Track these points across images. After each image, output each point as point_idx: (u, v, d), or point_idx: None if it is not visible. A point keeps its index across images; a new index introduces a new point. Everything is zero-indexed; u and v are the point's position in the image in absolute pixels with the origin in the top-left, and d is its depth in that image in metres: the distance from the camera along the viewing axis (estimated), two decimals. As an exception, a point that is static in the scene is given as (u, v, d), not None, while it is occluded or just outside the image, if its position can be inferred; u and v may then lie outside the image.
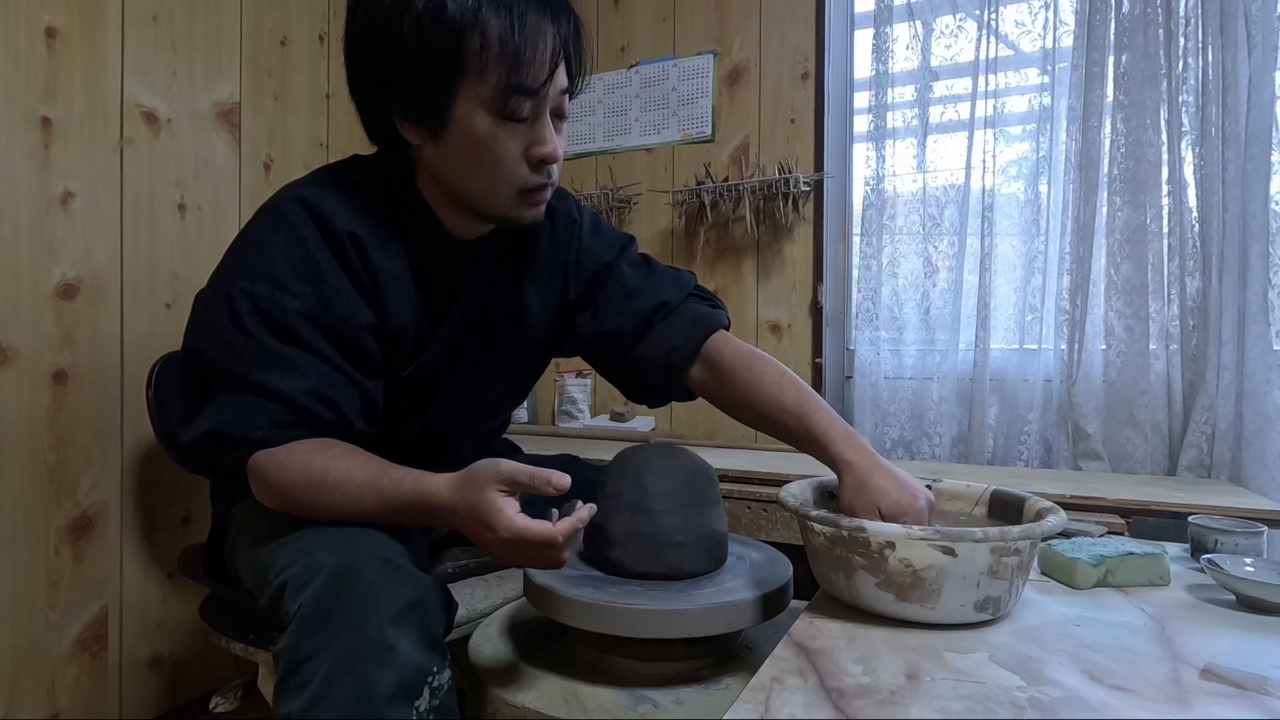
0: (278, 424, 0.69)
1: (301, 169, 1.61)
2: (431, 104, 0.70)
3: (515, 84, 0.69)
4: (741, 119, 1.80)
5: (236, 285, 0.70)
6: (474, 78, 0.69)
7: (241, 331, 0.69)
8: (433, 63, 0.68)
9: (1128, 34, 1.40)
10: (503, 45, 0.68)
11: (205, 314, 0.73)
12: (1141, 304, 1.39)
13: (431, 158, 0.75)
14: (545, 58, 0.70)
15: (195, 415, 0.71)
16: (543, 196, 0.77)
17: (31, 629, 1.16)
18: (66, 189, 1.20)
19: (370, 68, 0.72)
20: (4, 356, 1.12)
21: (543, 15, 0.70)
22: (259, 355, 0.69)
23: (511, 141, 0.72)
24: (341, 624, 0.59)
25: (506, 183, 0.74)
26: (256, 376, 0.68)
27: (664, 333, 0.88)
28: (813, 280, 1.73)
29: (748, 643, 0.79)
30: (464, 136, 0.71)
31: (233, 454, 0.69)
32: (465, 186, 0.75)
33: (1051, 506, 0.68)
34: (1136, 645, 0.59)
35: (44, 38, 1.16)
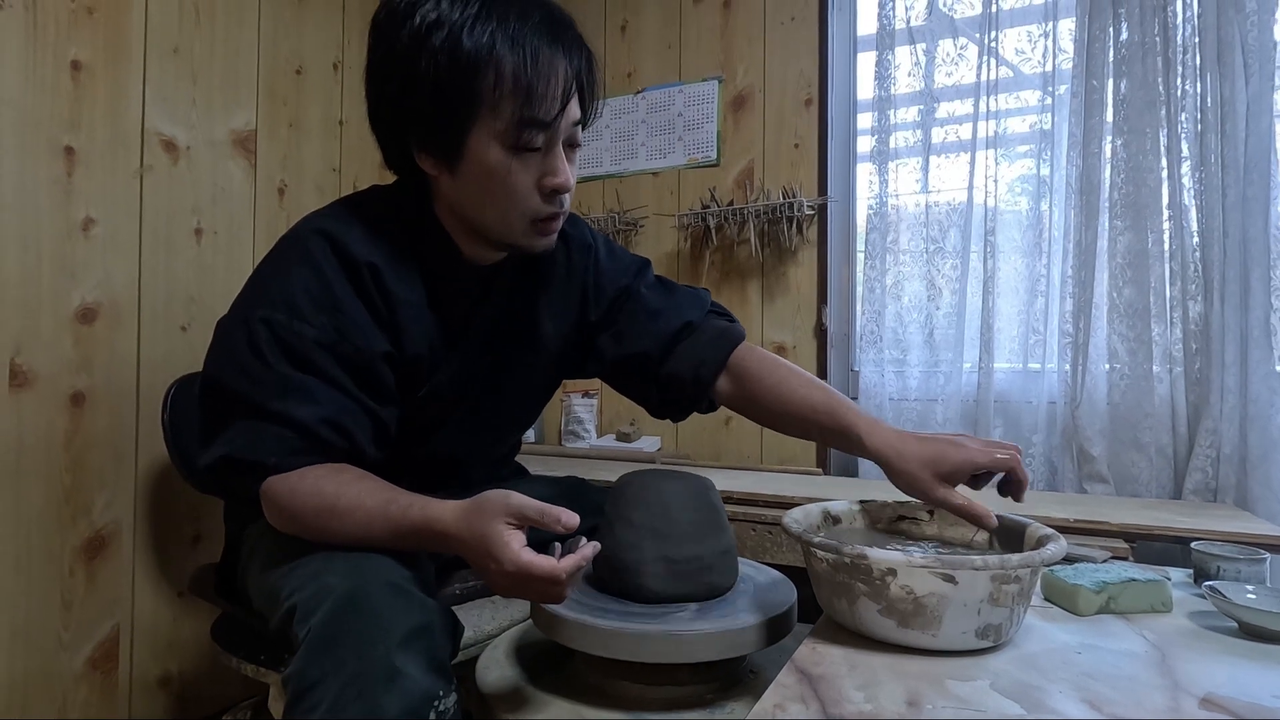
0: (291, 450, 0.70)
1: (314, 193, 1.65)
2: (447, 137, 0.73)
3: (528, 117, 0.71)
4: (746, 144, 1.83)
5: (256, 314, 0.72)
6: (488, 112, 0.71)
7: (259, 359, 0.71)
8: (448, 98, 0.70)
9: (1126, 61, 1.42)
10: (516, 80, 0.70)
11: (224, 341, 0.75)
12: (1144, 327, 1.40)
13: (447, 187, 0.77)
14: (558, 91, 0.72)
15: (212, 440, 0.73)
16: (554, 226, 0.79)
17: (45, 648, 1.17)
18: (88, 215, 1.23)
19: (389, 101, 0.74)
20: (24, 379, 1.15)
21: (555, 50, 0.72)
22: (275, 383, 0.71)
23: (525, 172, 0.74)
24: (349, 649, 0.60)
25: (519, 212, 0.76)
26: (272, 404, 0.70)
27: (690, 350, 0.90)
28: (817, 302, 1.74)
29: (752, 667, 0.80)
30: (479, 167, 0.73)
31: (246, 479, 0.71)
32: (479, 216, 0.77)
33: (1052, 534, 0.68)
34: (1137, 673, 0.59)
35: (70, 70, 1.20)
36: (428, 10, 0.70)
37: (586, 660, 0.75)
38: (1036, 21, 1.55)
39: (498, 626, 0.92)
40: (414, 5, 0.71)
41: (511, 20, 0.70)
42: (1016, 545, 0.71)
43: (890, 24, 1.66)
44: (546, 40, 0.71)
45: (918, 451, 0.73)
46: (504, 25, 0.70)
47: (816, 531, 0.77)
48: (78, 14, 1.21)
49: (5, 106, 1.12)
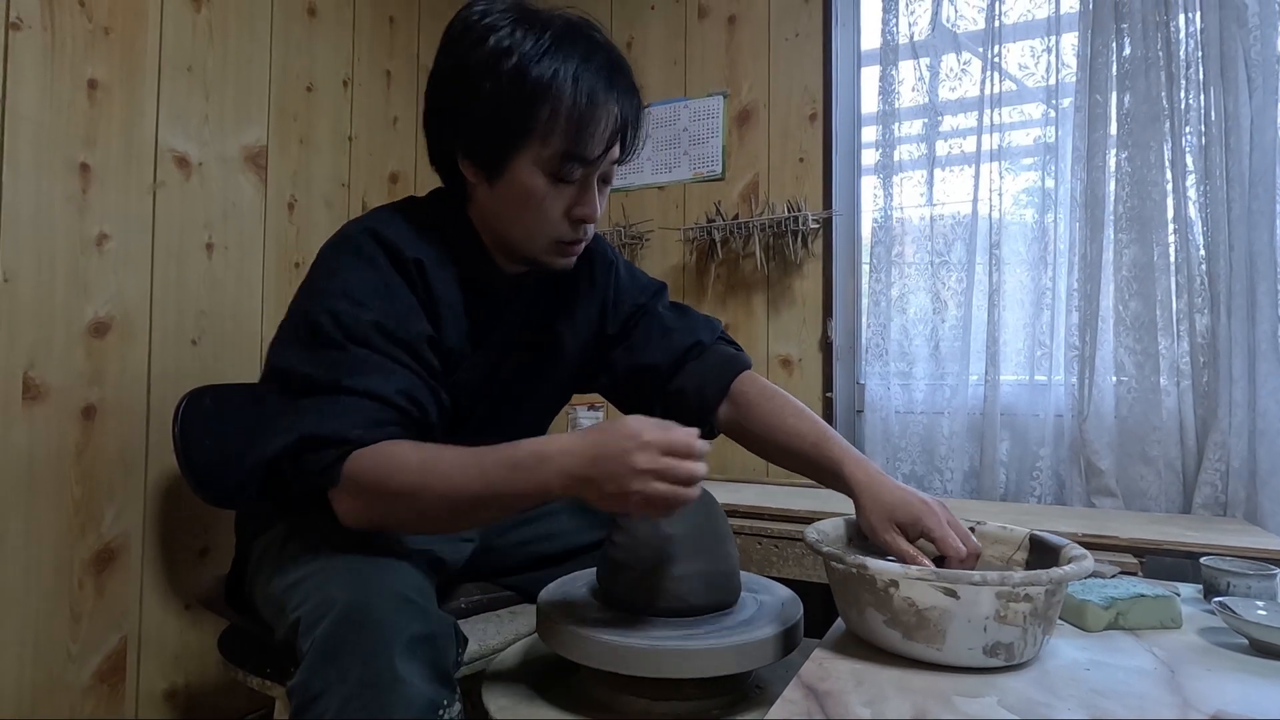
0: (374, 422, 0.70)
1: (324, 208, 1.67)
2: (494, 154, 0.77)
3: (573, 152, 0.75)
4: (751, 158, 1.84)
5: (318, 306, 0.74)
6: (538, 140, 0.75)
7: (327, 345, 0.72)
8: (505, 120, 0.74)
9: (1129, 76, 1.43)
10: (569, 117, 0.74)
11: (290, 336, 0.76)
12: (1151, 341, 1.39)
13: (483, 197, 0.81)
14: (605, 133, 0.76)
15: (283, 427, 0.71)
16: (576, 250, 0.83)
17: (53, 660, 1.18)
18: (102, 231, 1.25)
19: (447, 108, 0.78)
20: (36, 392, 1.16)
21: (610, 94, 0.76)
22: (348, 362, 0.71)
23: (558, 200, 0.78)
24: (352, 659, 0.60)
25: (545, 234, 0.80)
26: (347, 381, 0.70)
27: (697, 370, 0.93)
28: (822, 315, 1.75)
29: (759, 682, 0.79)
30: (516, 187, 0.77)
31: (327, 457, 0.68)
32: (507, 230, 0.81)
33: (1081, 554, 0.67)
34: (1147, 690, 0.59)
35: (86, 89, 1.22)
36: (502, 36, 0.74)
37: (592, 675, 0.75)
38: (1039, 36, 1.57)
39: (503, 641, 0.92)
40: (489, 29, 0.75)
41: (575, 60, 0.74)
42: (1053, 564, 0.71)
43: (894, 39, 1.67)
44: (604, 84, 0.75)
45: (887, 494, 0.75)
46: (568, 64, 0.74)
47: (848, 544, 0.77)
48: (95, 34, 1.23)
49: (23, 124, 1.14)
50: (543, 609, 0.76)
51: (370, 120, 1.80)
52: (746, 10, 1.86)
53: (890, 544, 0.73)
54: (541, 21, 0.76)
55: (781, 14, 1.82)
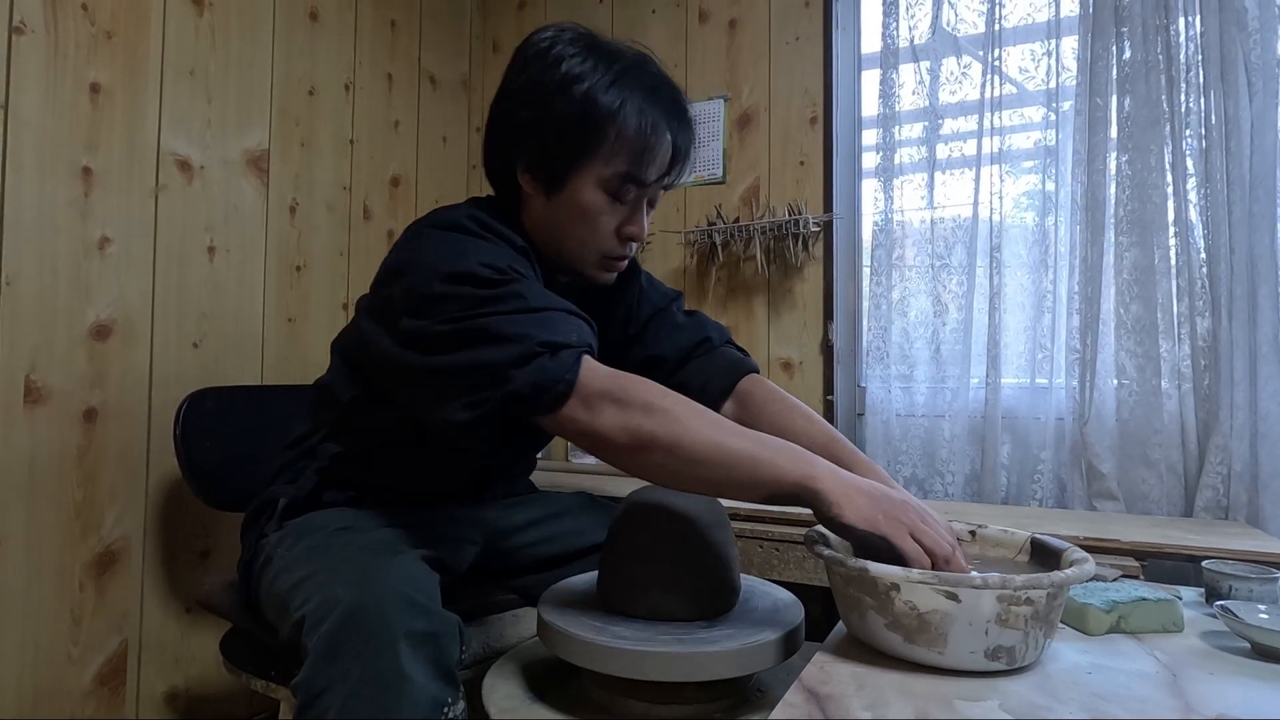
0: (581, 329, 0.72)
1: (325, 212, 1.67)
2: (556, 170, 0.81)
3: (632, 174, 0.81)
4: (752, 161, 1.84)
5: (469, 263, 0.72)
6: (600, 161, 0.80)
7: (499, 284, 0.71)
8: (571, 140, 0.79)
9: (1129, 79, 1.43)
10: (632, 142, 0.80)
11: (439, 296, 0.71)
12: (1152, 344, 1.39)
13: (539, 208, 0.85)
14: (663, 160, 0.82)
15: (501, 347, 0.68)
16: (620, 265, 0.88)
17: (54, 664, 1.18)
18: (104, 234, 1.25)
19: (514, 122, 0.82)
20: (38, 395, 1.16)
21: (669, 124, 0.82)
22: (530, 292, 0.72)
23: (611, 217, 0.83)
24: (355, 656, 0.61)
25: (595, 248, 0.85)
26: (538, 302, 0.71)
27: (703, 366, 0.98)
28: (823, 318, 1.75)
29: (760, 685, 0.79)
30: (573, 203, 0.82)
31: (567, 358, 0.67)
32: (561, 240, 0.85)
33: (1083, 557, 0.67)
34: (1148, 695, 0.59)
35: (88, 93, 1.23)
36: (574, 64, 0.79)
37: (592, 678, 0.75)
38: (1039, 39, 1.57)
39: (505, 643, 0.92)
40: (563, 55, 0.80)
41: (641, 91, 0.80)
42: (1054, 568, 0.71)
43: (894, 42, 1.68)
44: (665, 116, 0.81)
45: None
46: (634, 94, 0.80)
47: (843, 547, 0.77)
48: (97, 38, 1.24)
49: (26, 128, 1.15)
50: (543, 612, 0.76)
51: (372, 124, 1.81)
52: (747, 14, 1.86)
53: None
54: (611, 52, 0.82)
55: (782, 18, 1.83)
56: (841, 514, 0.64)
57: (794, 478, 0.65)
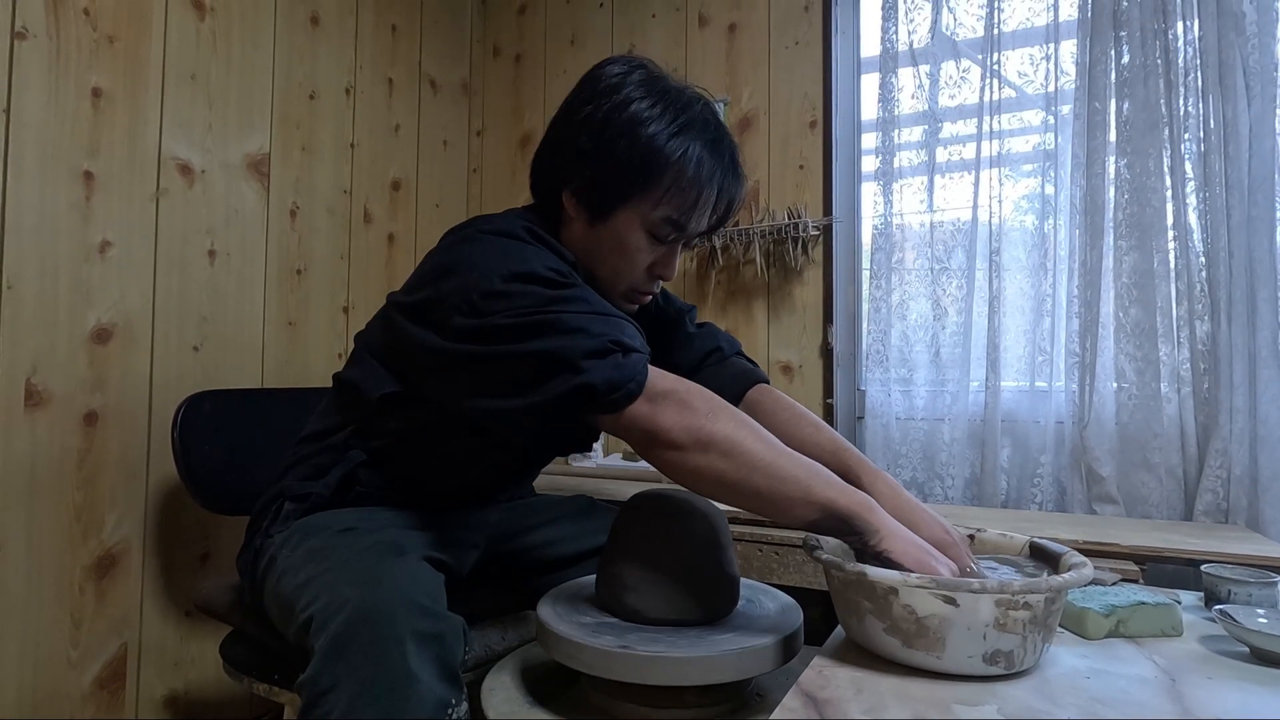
0: (639, 336, 0.73)
1: (325, 215, 1.67)
2: (606, 201, 0.82)
3: (678, 221, 0.82)
4: (751, 165, 1.85)
5: (533, 263, 0.73)
6: (649, 202, 0.81)
7: (558, 286, 0.73)
8: (627, 177, 0.80)
9: (1128, 83, 1.44)
10: (685, 191, 0.80)
11: (499, 294, 0.72)
12: (1151, 347, 1.39)
13: (579, 231, 0.86)
14: (710, 211, 0.83)
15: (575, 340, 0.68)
16: (646, 299, 0.90)
17: (53, 667, 1.18)
18: (105, 238, 1.25)
19: (574, 148, 0.82)
20: (39, 399, 1.16)
21: (724, 178, 0.83)
22: (593, 297, 0.73)
23: (646, 254, 0.84)
24: (363, 655, 0.62)
25: (626, 281, 0.86)
26: (604, 309, 0.73)
27: (714, 375, 0.99)
28: (823, 322, 1.75)
29: (759, 689, 0.79)
30: (614, 235, 0.83)
31: (637, 361, 0.69)
32: (595, 266, 0.86)
33: (1081, 561, 0.67)
34: (1147, 699, 0.59)
35: (90, 97, 1.23)
36: (644, 107, 0.80)
37: (591, 682, 0.75)
38: (1038, 43, 1.57)
39: (507, 646, 0.92)
40: (631, 97, 0.80)
41: (703, 144, 0.81)
42: (1053, 572, 0.71)
43: (893, 46, 1.68)
44: (721, 170, 0.82)
45: (907, 513, 0.75)
46: (696, 145, 0.80)
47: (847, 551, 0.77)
48: (99, 43, 1.24)
49: (28, 132, 1.15)
50: (541, 616, 0.76)
51: (372, 128, 1.81)
52: (747, 18, 1.87)
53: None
54: (680, 101, 0.82)
55: (781, 22, 1.83)
56: (891, 550, 0.66)
57: (845, 505, 0.67)
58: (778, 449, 0.68)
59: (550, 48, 2.10)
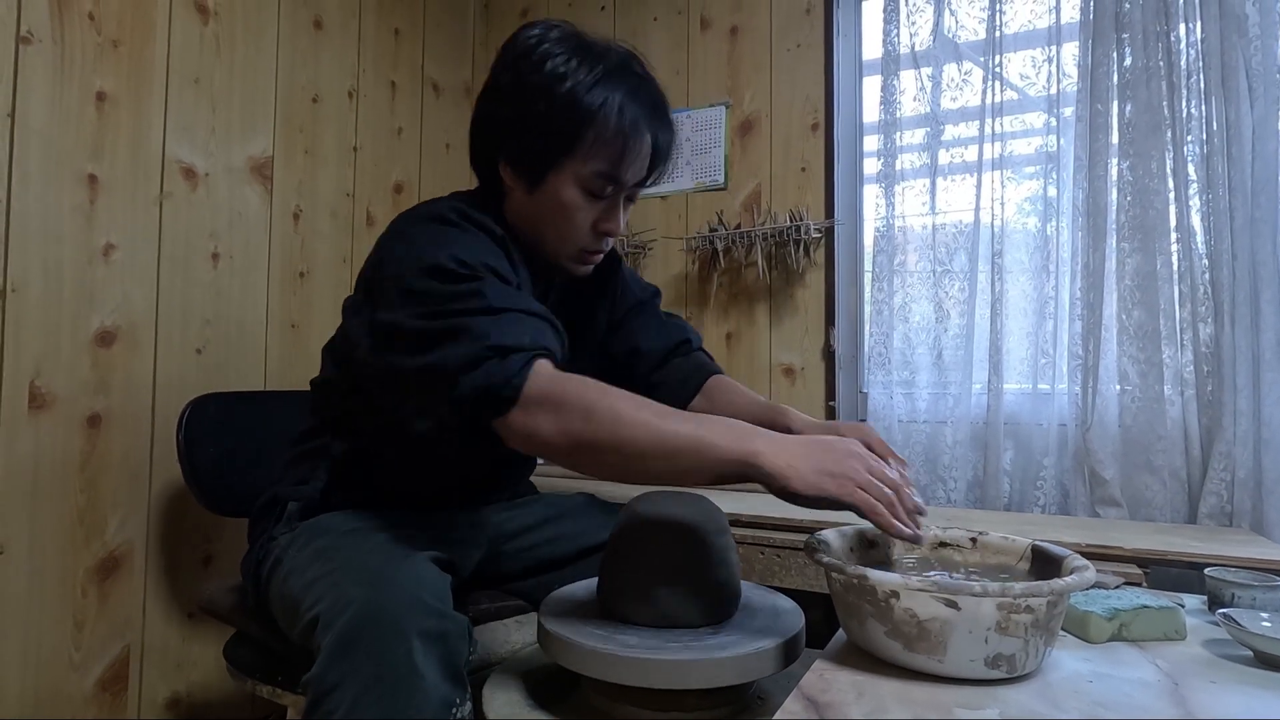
0: (538, 330, 0.72)
1: (328, 218, 1.68)
2: (536, 166, 0.82)
3: (610, 174, 0.82)
4: (753, 168, 1.85)
5: (440, 256, 0.72)
6: (579, 159, 0.81)
7: (463, 281, 0.72)
8: (552, 138, 0.80)
9: (1130, 85, 1.43)
10: (612, 142, 0.80)
11: (411, 291, 0.73)
12: (1154, 350, 1.39)
13: (519, 201, 0.86)
14: (642, 161, 0.83)
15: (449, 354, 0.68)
16: (596, 259, 0.90)
17: (56, 669, 1.18)
18: (109, 241, 1.26)
19: (498, 119, 0.83)
20: (42, 401, 1.17)
21: (650, 124, 0.83)
22: (488, 291, 0.72)
23: (588, 212, 0.84)
24: (368, 654, 0.62)
25: (572, 242, 0.86)
26: (496, 303, 0.71)
27: (681, 366, 1.03)
28: (825, 324, 1.75)
29: (760, 692, 0.79)
30: (552, 197, 0.83)
31: (514, 363, 0.67)
32: (540, 232, 0.86)
33: (1084, 564, 0.67)
34: (1149, 704, 0.58)
35: (95, 101, 1.24)
36: (559, 63, 0.80)
37: (593, 685, 0.75)
38: (1040, 46, 1.57)
39: (510, 649, 0.92)
40: (548, 54, 0.80)
41: (623, 92, 0.80)
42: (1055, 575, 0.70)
43: (895, 49, 1.68)
44: (646, 116, 0.82)
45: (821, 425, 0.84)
46: (616, 95, 0.80)
47: (849, 554, 0.77)
48: (104, 47, 1.25)
49: (33, 136, 1.16)
50: (543, 619, 0.76)
51: (375, 131, 1.82)
52: (748, 21, 1.87)
53: None
54: (596, 53, 0.82)
55: (783, 25, 1.83)
56: (789, 484, 0.64)
57: (736, 455, 0.64)
58: (666, 422, 0.66)
59: (552, 51, 2.11)
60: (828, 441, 0.66)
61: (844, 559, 0.70)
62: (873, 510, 0.64)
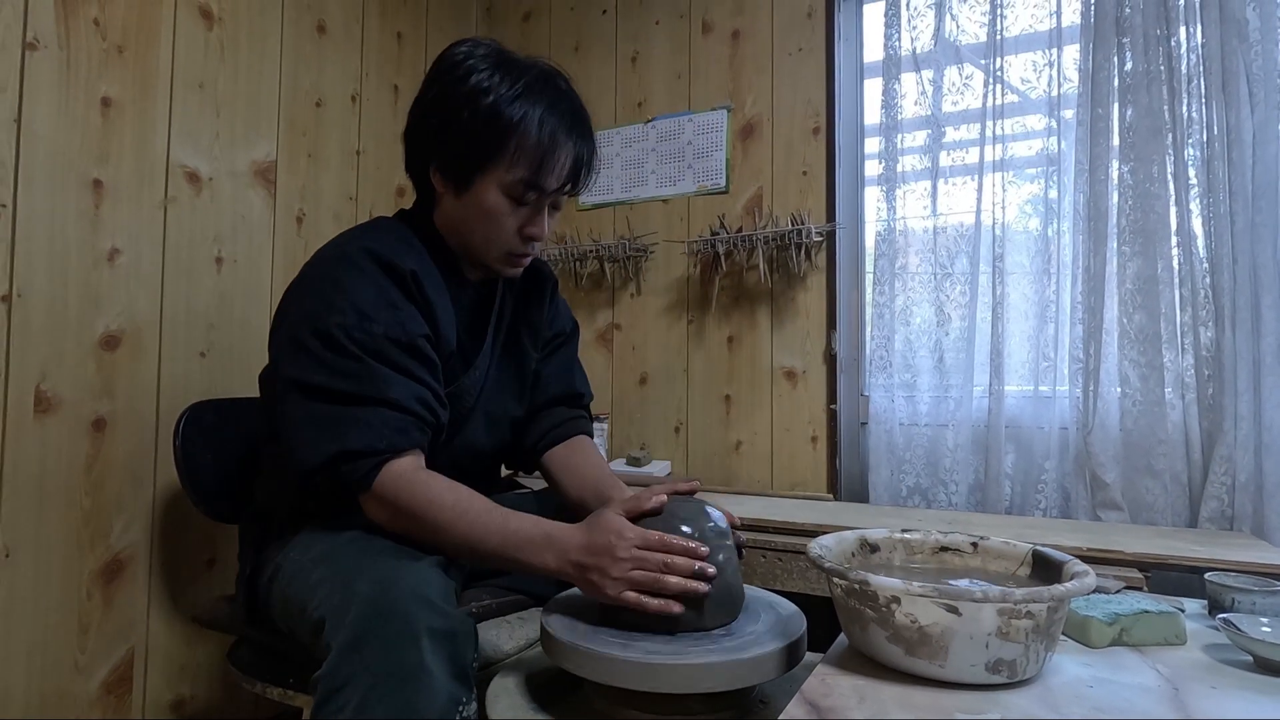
0: (399, 430, 0.79)
1: (332, 221, 1.68)
2: (463, 171, 0.88)
3: (532, 181, 0.86)
4: (755, 171, 1.85)
5: (330, 320, 0.80)
6: (502, 167, 0.86)
7: (345, 356, 0.79)
8: (475, 147, 0.85)
9: (1131, 89, 1.44)
10: (532, 153, 0.85)
11: (298, 347, 0.81)
12: (1155, 354, 1.39)
13: (449, 207, 0.92)
14: (561, 170, 0.88)
15: (316, 439, 0.78)
16: (524, 262, 0.95)
17: (60, 671, 1.18)
18: (114, 246, 1.26)
19: (426, 128, 0.90)
20: (48, 405, 1.17)
21: (570, 138, 0.87)
22: (368, 375, 0.79)
23: (512, 217, 0.89)
24: (377, 651, 0.63)
25: (499, 245, 0.91)
26: (369, 391, 0.79)
27: (562, 413, 1.08)
28: (826, 327, 1.75)
29: (762, 696, 0.79)
30: (478, 202, 0.88)
31: (363, 467, 0.77)
32: (469, 236, 0.91)
33: (1084, 570, 0.67)
34: (1150, 708, 0.59)
35: (100, 107, 1.24)
36: (482, 78, 0.85)
37: (595, 689, 0.75)
38: (1041, 49, 1.57)
39: (514, 646, 0.93)
40: (472, 69, 0.86)
41: (543, 105, 0.85)
42: (1055, 580, 0.71)
43: (896, 52, 1.69)
44: (565, 129, 0.87)
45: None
46: (536, 107, 0.85)
47: (851, 559, 0.78)
48: (109, 53, 1.26)
49: (38, 141, 1.16)
50: (545, 623, 0.77)
51: (378, 135, 1.82)
52: (750, 25, 1.88)
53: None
54: (518, 68, 0.87)
55: (785, 29, 1.84)
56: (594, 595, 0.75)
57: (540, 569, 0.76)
58: (478, 544, 0.77)
59: (555, 54, 2.10)
60: (595, 544, 0.73)
61: (845, 564, 0.71)
62: (638, 605, 0.72)
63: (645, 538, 0.73)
